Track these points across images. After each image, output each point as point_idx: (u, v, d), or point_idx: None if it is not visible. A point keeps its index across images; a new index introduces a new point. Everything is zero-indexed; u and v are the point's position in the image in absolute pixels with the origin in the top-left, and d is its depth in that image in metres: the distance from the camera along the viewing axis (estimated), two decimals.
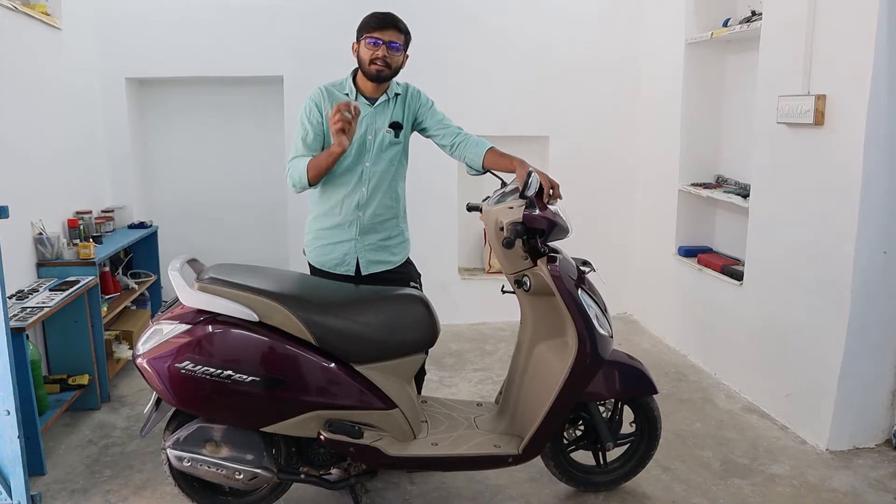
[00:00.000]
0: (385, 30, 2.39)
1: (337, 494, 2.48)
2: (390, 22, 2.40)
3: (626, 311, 4.65)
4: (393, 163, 2.52)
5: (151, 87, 4.31)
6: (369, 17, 2.42)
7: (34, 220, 3.13)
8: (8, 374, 2.00)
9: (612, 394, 2.38)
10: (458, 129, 2.56)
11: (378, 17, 2.41)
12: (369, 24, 2.40)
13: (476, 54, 4.26)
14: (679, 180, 3.93)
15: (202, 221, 4.44)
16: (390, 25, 2.40)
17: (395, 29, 2.40)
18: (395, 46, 2.39)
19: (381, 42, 2.37)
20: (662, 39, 4.12)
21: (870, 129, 2.58)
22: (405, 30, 2.45)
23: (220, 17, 4.07)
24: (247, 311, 2.10)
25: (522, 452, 2.29)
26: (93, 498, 2.49)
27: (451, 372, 3.66)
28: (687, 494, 2.53)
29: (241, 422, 2.18)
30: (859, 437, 2.84)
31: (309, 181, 2.39)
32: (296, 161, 2.42)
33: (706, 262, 3.73)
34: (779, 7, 3.02)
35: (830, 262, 2.78)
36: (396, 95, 2.53)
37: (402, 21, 2.44)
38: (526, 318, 2.41)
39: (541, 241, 2.22)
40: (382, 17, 2.40)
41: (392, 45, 2.39)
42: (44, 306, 2.73)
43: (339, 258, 2.53)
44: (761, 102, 3.15)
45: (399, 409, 2.25)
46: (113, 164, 4.11)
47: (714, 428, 3.04)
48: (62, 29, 3.49)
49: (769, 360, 3.16)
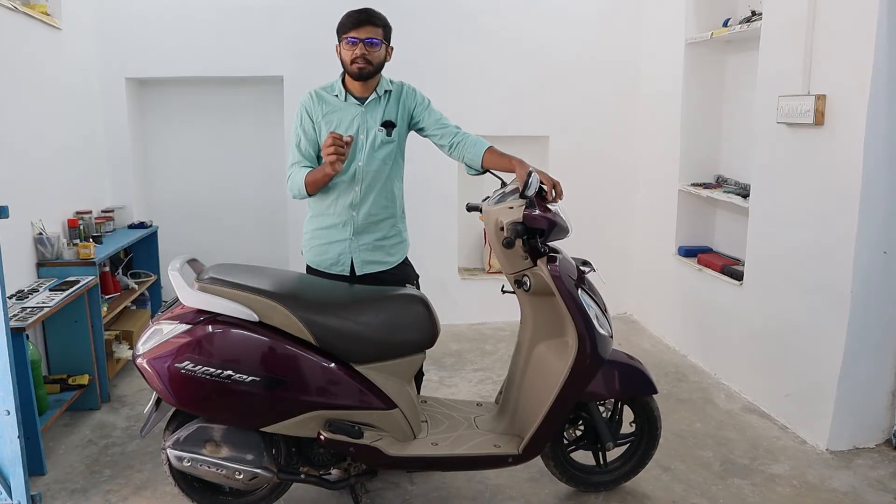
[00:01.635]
0: (360, 27, 2.36)
1: (337, 494, 2.48)
2: (365, 19, 2.38)
3: (626, 311, 4.65)
4: (387, 162, 2.51)
5: (151, 87, 4.31)
6: (345, 16, 2.40)
7: (34, 220, 3.13)
8: (8, 374, 2.00)
9: (612, 394, 2.38)
10: (457, 129, 2.55)
11: (353, 16, 2.38)
12: (345, 25, 2.39)
13: (476, 54, 4.26)
14: (679, 180, 3.93)
15: (202, 221, 4.44)
16: (365, 22, 2.37)
17: (370, 25, 2.37)
18: (372, 42, 2.37)
19: (357, 40, 2.36)
20: (662, 39, 4.12)
21: (870, 129, 2.58)
22: (382, 23, 2.42)
23: (220, 17, 4.07)
24: (247, 311, 2.10)
25: (522, 452, 2.29)
26: (93, 498, 2.49)
27: (451, 372, 3.66)
28: (687, 494, 2.53)
29: (241, 422, 2.17)
30: (859, 437, 2.84)
31: (308, 193, 2.44)
32: (294, 173, 2.45)
33: (706, 262, 3.73)
34: (779, 7, 3.02)
35: (830, 262, 2.78)
36: (387, 93, 2.51)
37: (380, 14, 2.41)
38: (526, 318, 2.41)
39: (541, 240, 2.23)
40: (357, 15, 2.38)
41: (369, 41, 2.36)
42: (44, 306, 2.73)
43: (333, 258, 2.53)
44: (761, 102, 3.15)
45: (399, 409, 2.25)
46: (113, 164, 4.11)
47: (714, 428, 3.04)
48: (62, 29, 3.49)
49: (769, 360, 3.16)
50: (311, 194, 2.45)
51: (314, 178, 2.39)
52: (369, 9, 2.41)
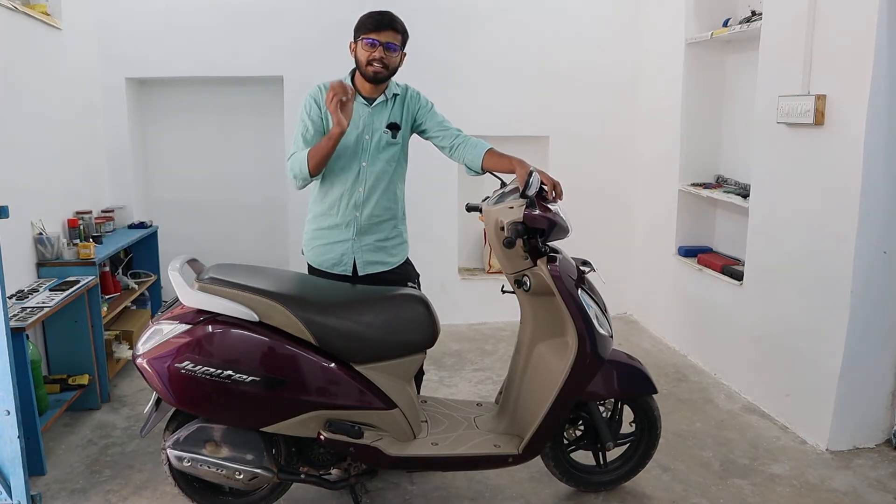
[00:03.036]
0: (382, 31, 2.37)
1: (337, 494, 2.48)
2: (387, 23, 2.38)
3: (626, 311, 4.65)
4: (391, 163, 2.51)
5: (151, 87, 4.31)
6: (366, 17, 2.40)
7: (34, 220, 3.13)
8: (8, 374, 2.00)
9: (612, 394, 2.38)
10: (458, 132, 2.56)
11: (375, 17, 2.38)
12: (366, 25, 2.38)
13: (476, 54, 4.26)
14: (679, 180, 3.93)
15: (202, 221, 4.44)
16: (387, 26, 2.37)
17: (391, 30, 2.38)
18: (392, 48, 2.38)
19: (378, 43, 2.36)
20: (662, 39, 4.12)
21: (870, 129, 2.58)
22: (402, 29, 2.42)
23: (220, 18, 4.07)
24: (247, 311, 2.10)
25: (522, 452, 2.29)
26: (93, 498, 2.49)
27: (451, 372, 3.66)
28: (687, 494, 2.53)
29: (241, 422, 2.17)
30: (859, 437, 2.84)
31: (310, 171, 2.37)
32: (296, 152, 2.42)
33: (706, 262, 3.73)
34: (779, 7, 3.02)
35: (830, 262, 2.78)
36: (395, 96, 2.52)
37: (400, 20, 2.42)
38: (526, 318, 2.41)
39: (541, 240, 2.23)
40: (379, 17, 2.38)
41: (389, 46, 2.37)
42: (44, 306, 2.73)
43: (336, 258, 2.53)
44: (761, 102, 3.15)
45: (399, 409, 2.24)
46: (113, 164, 4.11)
47: (714, 428, 3.04)
48: (62, 29, 3.49)
49: (769, 360, 3.16)
50: (313, 174, 2.39)
51: (317, 151, 2.33)
52: (391, 13, 2.40)
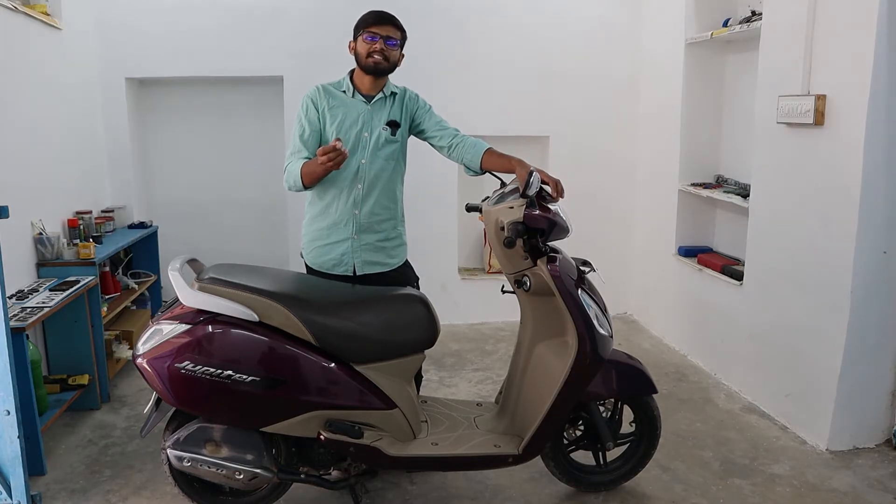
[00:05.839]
0: (383, 25, 2.43)
1: (337, 494, 2.48)
2: (388, 19, 2.45)
3: (626, 311, 4.65)
4: (390, 161, 2.52)
5: (151, 87, 4.31)
6: (367, 13, 2.47)
7: (34, 220, 3.13)
8: (8, 374, 2.00)
9: (612, 393, 2.38)
10: (456, 132, 2.58)
11: (376, 13, 2.45)
12: (367, 20, 2.45)
13: (476, 54, 4.26)
14: (679, 180, 3.93)
15: (202, 221, 4.44)
16: (388, 21, 2.44)
17: (392, 26, 2.45)
18: (392, 43, 2.44)
19: (378, 37, 2.41)
20: (662, 39, 4.11)
21: (870, 129, 2.58)
22: (402, 28, 2.49)
23: (219, 17, 4.07)
24: (247, 311, 2.10)
25: (522, 452, 2.29)
26: (93, 498, 2.49)
27: (451, 372, 3.66)
28: (687, 494, 2.53)
29: (241, 422, 2.17)
30: (859, 437, 2.84)
31: (304, 185, 2.42)
32: (292, 164, 2.45)
33: (706, 262, 3.73)
34: (779, 7, 3.02)
35: (830, 262, 2.78)
36: (393, 94, 2.55)
37: (399, 20, 2.48)
38: (526, 318, 2.41)
39: (541, 240, 2.23)
40: (380, 13, 2.45)
41: (389, 41, 2.43)
42: (44, 306, 2.73)
43: (336, 259, 2.53)
44: (761, 102, 3.15)
45: (399, 409, 2.24)
46: (113, 164, 4.10)
47: (714, 428, 3.04)
48: (62, 29, 3.49)
49: (769, 360, 3.16)
50: (307, 186, 2.42)
51: (311, 171, 2.36)
52: (391, 13, 2.47)
